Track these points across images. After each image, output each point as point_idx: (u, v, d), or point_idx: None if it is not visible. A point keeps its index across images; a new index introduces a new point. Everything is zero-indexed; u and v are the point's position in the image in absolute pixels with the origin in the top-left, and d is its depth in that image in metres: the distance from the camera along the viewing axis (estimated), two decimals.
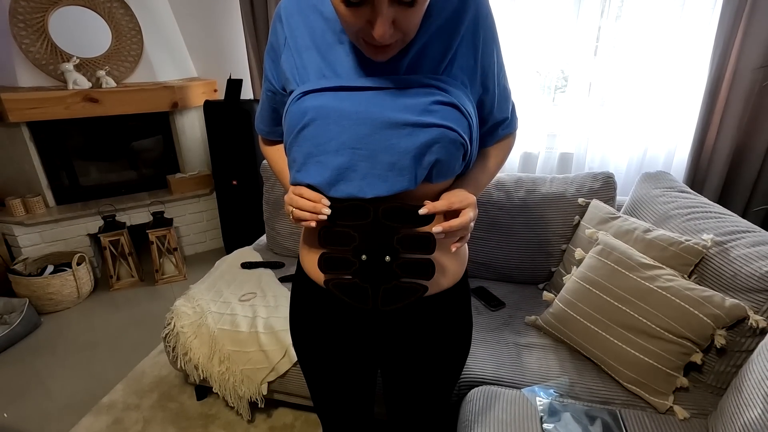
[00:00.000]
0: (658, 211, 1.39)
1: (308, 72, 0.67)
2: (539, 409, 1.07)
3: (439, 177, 0.67)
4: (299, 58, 0.68)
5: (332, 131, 0.63)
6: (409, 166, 0.63)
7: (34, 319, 2.06)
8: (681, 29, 1.80)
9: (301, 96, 0.65)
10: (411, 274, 0.67)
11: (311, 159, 0.65)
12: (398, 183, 0.64)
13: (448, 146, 0.64)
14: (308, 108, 0.64)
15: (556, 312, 1.30)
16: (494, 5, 1.90)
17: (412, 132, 0.62)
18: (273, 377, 1.38)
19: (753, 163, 1.83)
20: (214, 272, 1.79)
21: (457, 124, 0.64)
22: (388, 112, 0.62)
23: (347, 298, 0.70)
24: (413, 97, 0.63)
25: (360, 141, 0.63)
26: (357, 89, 0.64)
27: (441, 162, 0.65)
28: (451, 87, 0.65)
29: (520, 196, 1.60)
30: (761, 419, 0.82)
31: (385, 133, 0.62)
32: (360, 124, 0.62)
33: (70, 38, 2.24)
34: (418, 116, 0.62)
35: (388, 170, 0.63)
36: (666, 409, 1.09)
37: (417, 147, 0.62)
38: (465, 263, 0.81)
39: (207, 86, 2.63)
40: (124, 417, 1.58)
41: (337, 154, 0.64)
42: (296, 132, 0.65)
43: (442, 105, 0.63)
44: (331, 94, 0.64)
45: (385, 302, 0.69)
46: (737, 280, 1.09)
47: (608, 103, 2.02)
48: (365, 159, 0.63)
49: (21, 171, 2.31)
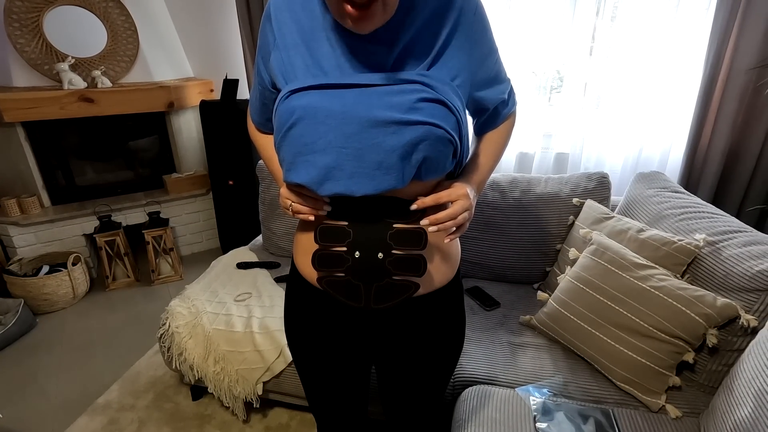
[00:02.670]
0: (652, 211, 1.40)
1: (296, 70, 0.67)
2: (533, 408, 1.07)
3: (428, 174, 0.67)
4: (287, 56, 0.68)
5: (319, 130, 0.63)
6: (396, 164, 0.63)
7: (29, 320, 2.06)
8: (675, 30, 1.81)
9: (288, 95, 0.66)
10: (403, 270, 0.68)
11: (300, 158, 0.65)
12: (385, 181, 0.64)
13: (436, 144, 0.64)
14: (295, 107, 0.64)
15: (550, 311, 1.31)
16: (490, 6, 1.91)
17: (397, 130, 0.62)
18: (268, 377, 1.38)
19: (747, 163, 1.84)
20: (210, 272, 1.78)
21: (444, 121, 0.64)
22: (374, 110, 0.62)
23: (340, 296, 0.70)
24: (399, 95, 0.63)
25: (346, 140, 0.63)
26: (344, 86, 0.64)
27: (429, 159, 0.65)
28: (438, 83, 0.65)
29: (515, 196, 1.60)
30: (752, 417, 0.83)
31: (371, 131, 0.62)
32: (346, 122, 0.62)
33: (65, 38, 2.24)
34: (403, 114, 0.62)
35: (376, 169, 0.63)
36: (658, 408, 1.09)
37: (403, 145, 0.62)
38: (457, 262, 0.81)
39: (203, 86, 2.62)
40: (119, 417, 1.58)
41: (324, 153, 0.64)
42: (284, 131, 0.66)
43: (429, 102, 0.63)
44: (317, 93, 0.64)
45: (378, 300, 0.69)
46: (729, 279, 1.10)
47: (603, 104, 2.03)
48: (352, 158, 0.63)
49: (16, 171, 2.30)
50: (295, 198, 0.70)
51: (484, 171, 0.80)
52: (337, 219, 0.69)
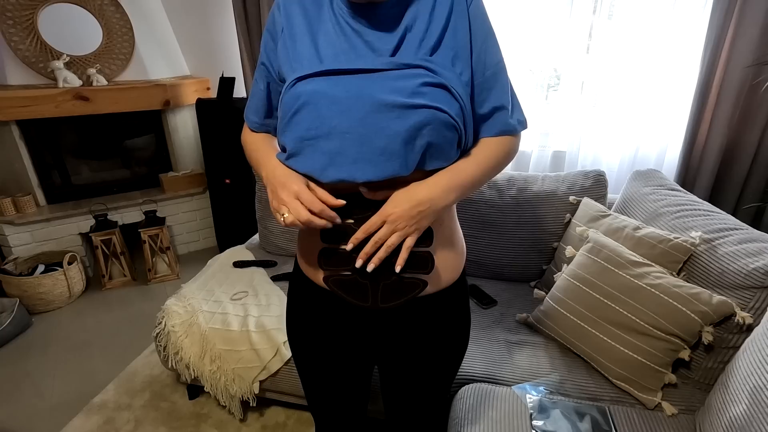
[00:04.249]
0: (648, 208, 1.40)
1: (301, 58, 0.67)
2: (529, 406, 1.07)
3: (432, 162, 0.66)
4: (293, 45, 0.69)
5: (324, 116, 0.63)
6: (400, 150, 0.62)
7: (24, 319, 2.05)
8: (672, 27, 1.81)
9: (294, 83, 0.66)
10: (411, 267, 0.67)
11: (304, 143, 0.65)
12: (389, 167, 0.63)
13: (440, 128, 0.63)
14: (301, 93, 0.64)
15: (547, 309, 1.31)
16: (487, 3, 1.91)
17: (401, 114, 0.62)
18: (264, 376, 1.38)
19: (743, 160, 1.85)
20: (206, 271, 1.78)
21: (447, 105, 0.63)
22: (378, 94, 0.62)
23: (346, 295, 0.69)
24: (403, 79, 0.63)
25: (350, 125, 0.62)
26: (348, 72, 0.64)
27: (433, 146, 0.64)
28: (441, 68, 0.65)
29: (512, 195, 1.60)
30: (747, 414, 0.83)
31: (375, 116, 0.62)
32: (350, 108, 0.62)
33: (60, 36, 2.22)
34: (407, 98, 0.62)
35: (379, 154, 0.63)
36: (654, 406, 1.09)
37: (407, 129, 0.62)
38: (463, 261, 0.80)
39: (199, 84, 2.61)
40: (115, 417, 1.57)
41: (328, 139, 0.63)
42: (289, 117, 0.65)
43: (432, 86, 0.63)
44: (322, 79, 0.64)
45: (385, 299, 0.68)
46: (725, 277, 1.10)
47: (601, 102, 2.03)
48: (356, 143, 0.63)
49: (11, 170, 2.29)
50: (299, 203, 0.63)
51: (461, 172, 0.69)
52: (343, 217, 0.68)
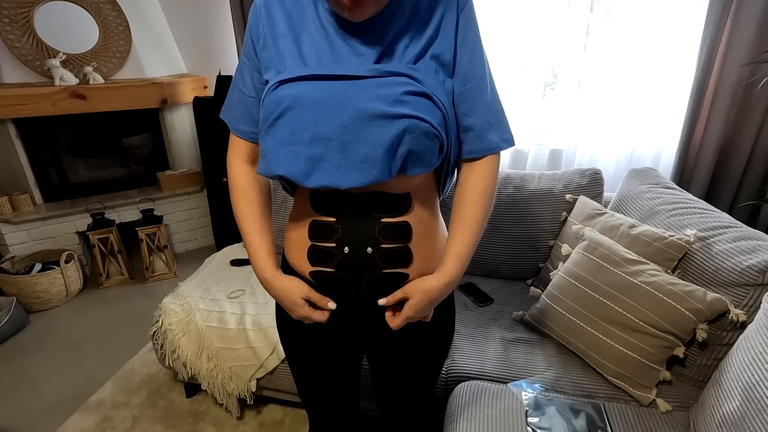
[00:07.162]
0: (644, 207, 1.40)
1: (285, 61, 0.67)
2: (524, 403, 1.08)
3: (414, 169, 0.67)
4: (275, 47, 0.68)
5: (306, 121, 0.63)
6: (382, 158, 0.63)
7: (21, 318, 2.04)
8: (669, 26, 1.81)
9: (277, 86, 0.65)
10: (392, 263, 0.69)
11: (285, 148, 0.65)
12: (371, 174, 0.64)
13: (421, 137, 0.64)
14: (284, 97, 0.64)
15: (543, 307, 1.31)
16: (485, 0, 1.90)
17: (383, 123, 0.62)
18: (261, 374, 1.38)
19: (739, 159, 1.85)
20: (203, 269, 1.78)
21: (429, 114, 0.64)
22: (361, 101, 0.62)
23: (331, 289, 0.71)
24: (386, 87, 0.63)
25: (334, 132, 0.63)
26: (331, 78, 0.64)
27: (415, 153, 0.65)
28: (425, 76, 0.65)
29: (509, 193, 1.60)
30: (740, 410, 0.84)
31: (357, 124, 0.62)
32: (333, 114, 0.63)
33: (56, 34, 2.21)
34: (389, 107, 0.62)
35: (362, 162, 0.63)
36: (649, 402, 1.10)
37: (389, 138, 0.62)
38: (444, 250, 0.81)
39: (196, 83, 2.61)
40: (112, 415, 1.58)
41: (310, 145, 0.64)
42: (271, 121, 0.65)
43: (414, 95, 0.63)
44: (305, 84, 0.64)
45: (368, 293, 0.71)
46: (719, 274, 1.11)
47: (597, 100, 2.03)
48: (338, 150, 0.63)
49: (7, 168, 2.28)
50: (303, 309, 0.73)
51: (466, 243, 0.71)
52: (326, 215, 0.69)
